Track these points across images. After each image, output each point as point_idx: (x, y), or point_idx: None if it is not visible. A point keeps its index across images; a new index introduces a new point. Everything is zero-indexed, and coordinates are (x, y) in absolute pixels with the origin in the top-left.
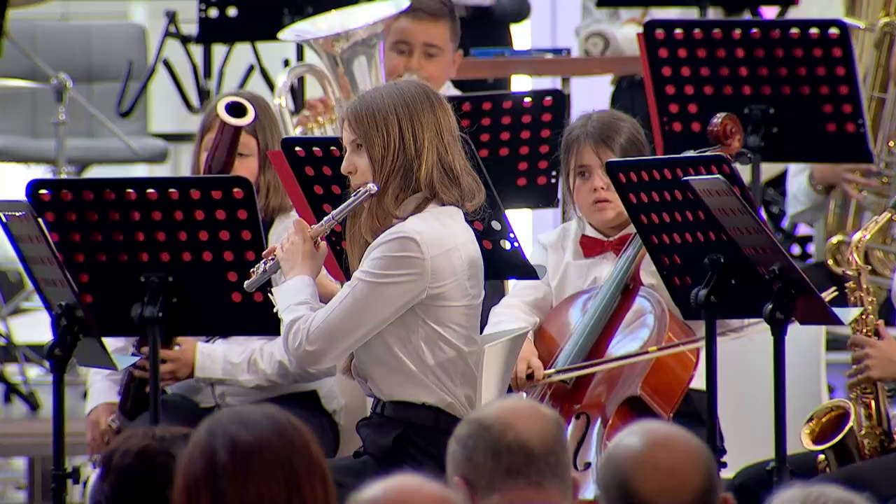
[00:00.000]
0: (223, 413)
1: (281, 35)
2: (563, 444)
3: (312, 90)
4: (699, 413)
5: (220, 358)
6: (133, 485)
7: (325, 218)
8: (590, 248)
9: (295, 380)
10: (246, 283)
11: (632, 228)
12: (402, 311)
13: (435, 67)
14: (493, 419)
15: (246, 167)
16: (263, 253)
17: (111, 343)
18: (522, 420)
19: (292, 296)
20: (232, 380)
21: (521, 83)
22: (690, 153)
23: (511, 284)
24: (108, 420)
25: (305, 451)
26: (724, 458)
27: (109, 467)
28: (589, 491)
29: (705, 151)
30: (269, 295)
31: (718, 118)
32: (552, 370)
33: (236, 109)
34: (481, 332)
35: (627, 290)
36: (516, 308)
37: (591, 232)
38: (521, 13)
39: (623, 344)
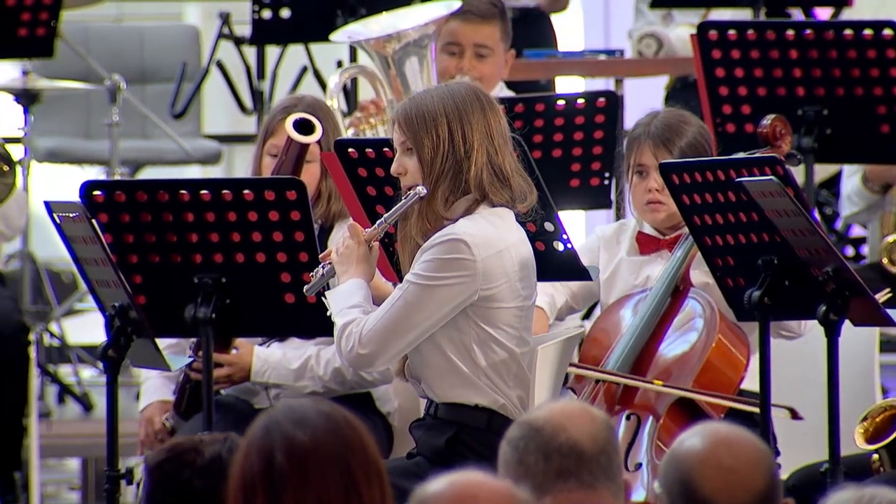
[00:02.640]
0: (279, 410)
1: (333, 37)
2: (615, 446)
3: (365, 91)
4: (752, 414)
5: (276, 363)
6: (163, 491)
7: (378, 221)
8: (646, 245)
9: (351, 387)
10: (305, 287)
11: (686, 228)
12: (454, 313)
13: (486, 68)
14: (545, 421)
15: (308, 173)
16: (321, 257)
17: (166, 340)
18: (574, 422)
19: (345, 299)
20: (288, 385)
21: (574, 85)
22: (741, 155)
23: None
24: (163, 419)
25: (362, 452)
26: (778, 460)
27: (147, 466)
28: (639, 492)
29: (755, 153)
30: (323, 298)
31: (768, 120)
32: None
33: (304, 126)
34: None
35: (677, 291)
36: (546, 283)
37: (648, 229)
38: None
39: (673, 346)
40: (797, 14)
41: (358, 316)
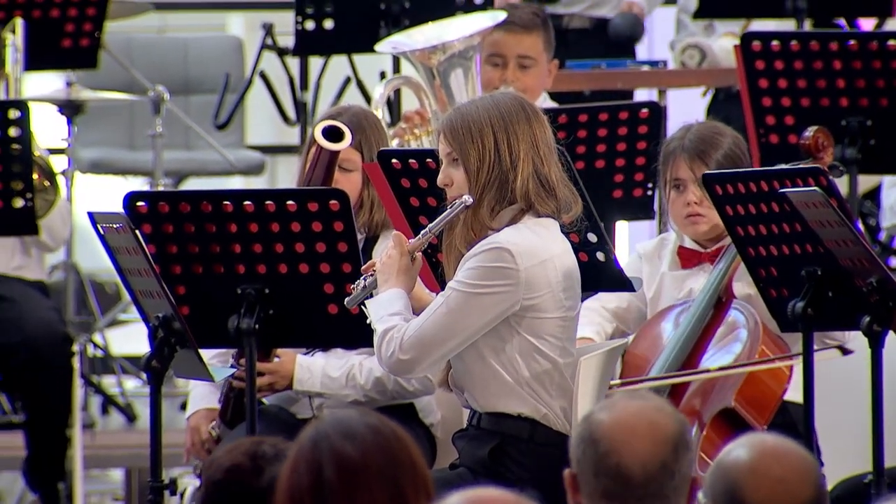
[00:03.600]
0: (327, 423)
1: (377, 47)
2: (671, 469)
3: (409, 102)
4: (795, 425)
5: (318, 371)
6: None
7: (422, 231)
8: (687, 259)
9: (392, 397)
10: (346, 299)
11: (728, 240)
12: (496, 321)
13: (530, 79)
14: (603, 434)
15: (350, 182)
16: (363, 268)
17: (211, 351)
18: (632, 443)
19: (386, 307)
20: (330, 393)
21: (646, 96)
22: (783, 166)
23: None
24: (209, 427)
25: (410, 466)
26: (822, 471)
27: (204, 480)
28: None
29: (798, 164)
30: (363, 307)
31: (810, 131)
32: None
33: (333, 133)
34: None
35: (720, 303)
36: (594, 312)
37: (688, 243)
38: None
39: (716, 357)
40: (841, 24)
41: (399, 322)
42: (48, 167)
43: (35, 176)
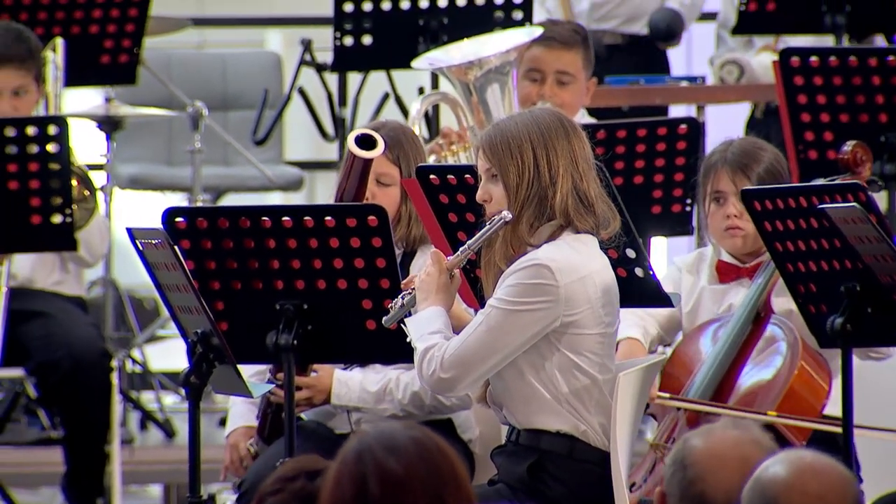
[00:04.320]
0: (371, 435)
1: (414, 63)
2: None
3: (446, 118)
4: (835, 440)
5: (356, 386)
6: None
7: (461, 248)
8: (726, 273)
9: (429, 412)
10: (385, 318)
11: (767, 255)
12: (536, 338)
13: (568, 95)
14: (694, 461)
15: (387, 196)
16: (403, 284)
17: (250, 368)
18: (720, 473)
19: (425, 325)
20: (367, 408)
21: (679, 112)
22: (821, 181)
23: None
24: (247, 444)
25: (453, 480)
26: (861, 487)
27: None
28: None
29: (835, 179)
30: (402, 325)
31: (848, 146)
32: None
33: (366, 142)
34: None
35: (759, 318)
36: (636, 315)
37: (727, 257)
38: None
39: (754, 372)
40: (879, 41)
41: (439, 341)
42: (87, 178)
43: (74, 183)
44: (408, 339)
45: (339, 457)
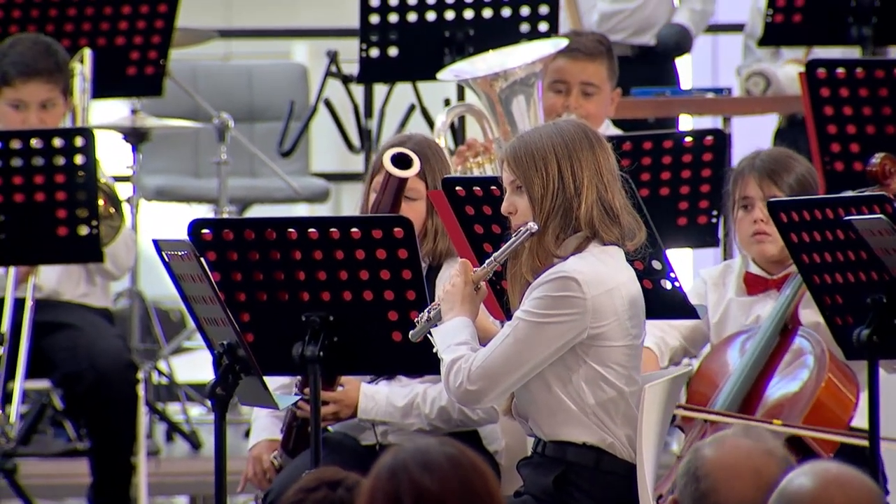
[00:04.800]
0: (406, 452)
1: (440, 75)
2: None
3: (472, 129)
4: (863, 453)
5: (383, 400)
6: None
7: (487, 260)
8: (753, 285)
9: (457, 425)
10: (411, 332)
11: (794, 267)
12: (563, 350)
13: (593, 106)
14: (707, 472)
15: (414, 210)
16: (432, 305)
17: (277, 379)
18: (734, 484)
19: (452, 336)
20: (394, 422)
21: (681, 122)
22: (849, 193)
23: None
24: (271, 457)
25: (487, 498)
26: (888, 499)
27: None
28: None
29: (864, 191)
30: (429, 336)
31: (877, 158)
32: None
33: (402, 161)
34: None
35: (786, 330)
36: (657, 327)
37: (754, 269)
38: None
39: (781, 385)
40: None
41: (466, 352)
42: (114, 194)
43: (101, 202)
44: (434, 350)
45: (373, 472)
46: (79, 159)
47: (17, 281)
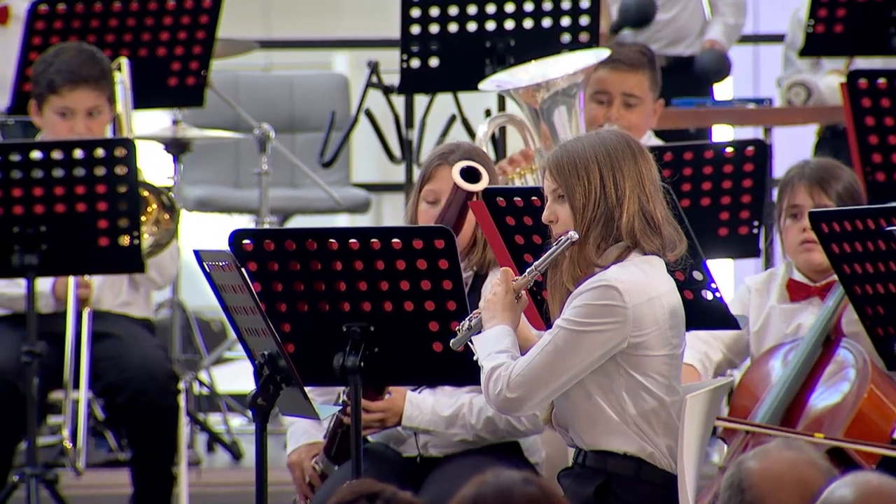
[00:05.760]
0: (488, 486)
1: (481, 85)
2: None
3: (513, 139)
4: None
5: (428, 409)
6: None
7: (528, 269)
8: (796, 292)
9: (502, 436)
10: (452, 340)
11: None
12: (604, 359)
13: (635, 117)
14: (752, 484)
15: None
16: (473, 314)
17: (318, 390)
18: (779, 495)
19: (492, 344)
20: (438, 432)
21: (722, 133)
22: (892, 204)
23: None
24: (312, 462)
25: None
26: None
27: None
28: None
29: None
30: (469, 343)
31: None
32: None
33: (470, 174)
34: None
35: (829, 341)
36: (700, 339)
37: (798, 276)
38: (721, 72)
39: (824, 396)
40: None
41: (506, 360)
42: (169, 200)
43: (153, 207)
44: (474, 358)
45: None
46: (120, 170)
47: (76, 297)
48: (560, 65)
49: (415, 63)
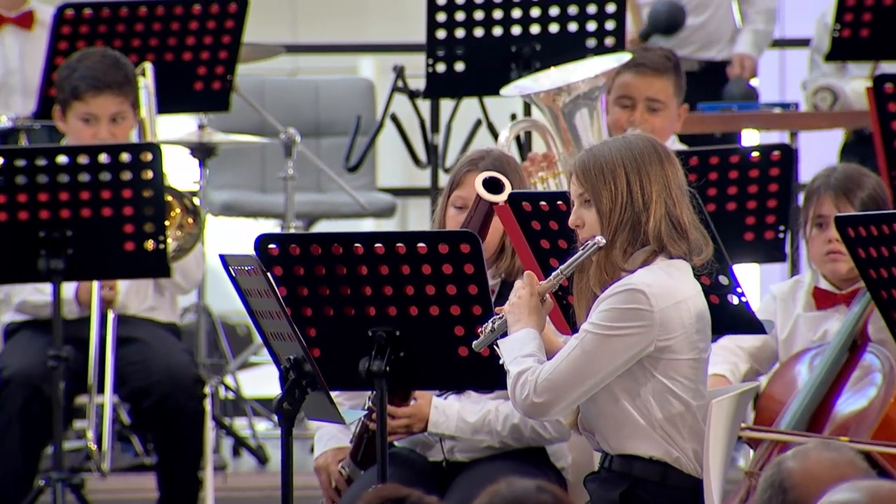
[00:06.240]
0: (499, 496)
1: (503, 90)
2: None
3: (539, 145)
4: None
5: (454, 415)
6: None
7: (553, 273)
8: (822, 300)
9: (528, 443)
10: (475, 342)
11: (863, 282)
12: (631, 363)
13: (658, 121)
14: (794, 483)
15: (493, 227)
16: (496, 310)
17: (346, 394)
18: (821, 492)
19: (518, 348)
20: (464, 438)
21: (748, 137)
22: None
23: None
24: (338, 467)
25: None
26: None
27: None
28: None
29: None
30: (495, 347)
31: None
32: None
33: (493, 185)
34: None
35: (855, 346)
36: (728, 350)
37: (824, 284)
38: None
39: (851, 401)
40: None
41: (532, 364)
42: (193, 205)
43: (177, 211)
44: (500, 362)
45: None
46: (146, 174)
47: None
48: (581, 69)
49: (440, 67)
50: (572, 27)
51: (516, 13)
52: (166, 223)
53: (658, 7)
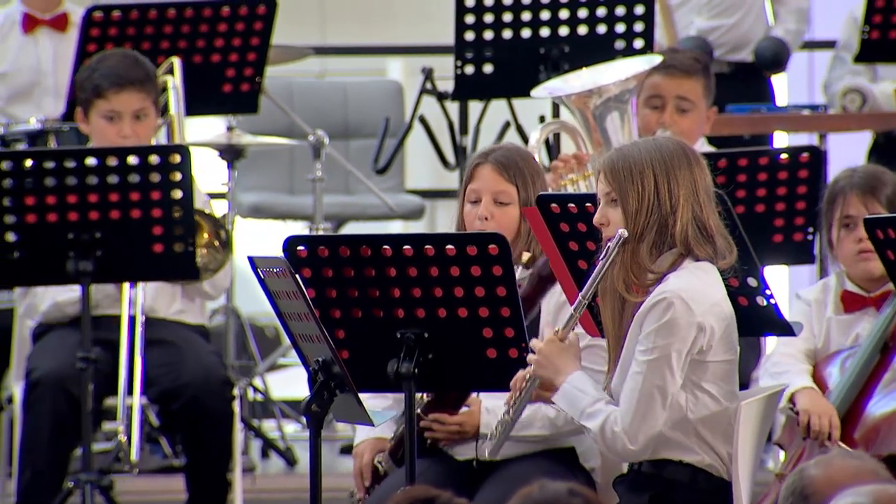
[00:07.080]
0: (531, 499)
1: (533, 92)
2: None
3: (568, 147)
4: None
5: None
6: None
7: (576, 302)
8: (851, 303)
9: (561, 434)
10: (488, 451)
11: (892, 284)
12: (686, 368)
13: (688, 123)
14: (816, 491)
15: (507, 215)
16: (511, 384)
17: (381, 396)
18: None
19: (579, 398)
20: (516, 435)
21: (777, 139)
22: None
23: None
24: (375, 459)
25: None
26: None
27: None
28: None
29: None
30: (551, 404)
31: None
32: None
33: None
34: (758, 381)
35: (886, 348)
36: (793, 357)
37: (851, 287)
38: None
39: (881, 404)
40: None
41: (603, 409)
42: (221, 225)
43: (206, 236)
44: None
45: None
46: (175, 176)
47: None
48: (612, 71)
49: (469, 69)
50: (601, 29)
51: (545, 15)
52: (204, 239)
53: (763, 44)
